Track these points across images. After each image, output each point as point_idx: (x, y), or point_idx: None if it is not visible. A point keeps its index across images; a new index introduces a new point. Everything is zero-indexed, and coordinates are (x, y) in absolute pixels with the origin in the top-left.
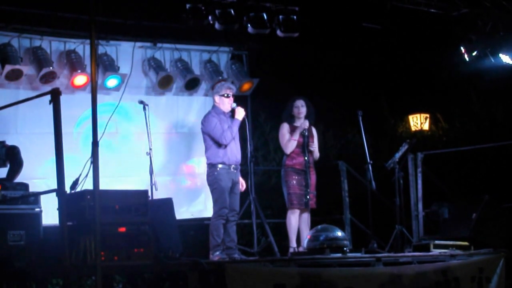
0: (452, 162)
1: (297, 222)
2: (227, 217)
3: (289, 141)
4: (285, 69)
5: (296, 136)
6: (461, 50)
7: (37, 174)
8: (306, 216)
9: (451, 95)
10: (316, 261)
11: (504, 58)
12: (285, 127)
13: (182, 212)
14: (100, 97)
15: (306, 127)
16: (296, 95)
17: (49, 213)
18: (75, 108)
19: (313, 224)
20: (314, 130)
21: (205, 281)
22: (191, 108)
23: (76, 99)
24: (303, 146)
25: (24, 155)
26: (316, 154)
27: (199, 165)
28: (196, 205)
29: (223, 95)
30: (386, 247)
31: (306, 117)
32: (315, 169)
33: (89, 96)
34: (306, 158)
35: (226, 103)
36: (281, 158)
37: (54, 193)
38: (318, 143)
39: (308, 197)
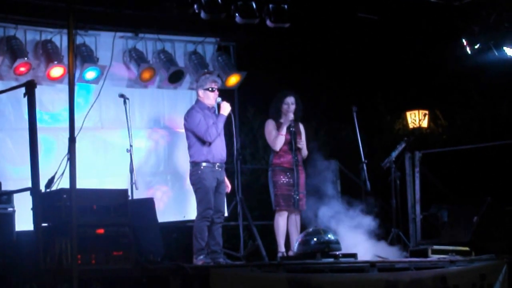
0: (452, 162)
1: (286, 224)
2: (212, 219)
3: (276, 137)
4: (275, 62)
5: (284, 131)
6: (463, 43)
7: (13, 174)
8: (296, 218)
9: (452, 90)
10: (306, 266)
11: (509, 52)
12: (270, 124)
13: (164, 213)
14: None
15: (292, 119)
16: (286, 90)
17: (24, 216)
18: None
19: (303, 227)
20: (301, 127)
21: (188, 287)
22: (175, 102)
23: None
24: (291, 143)
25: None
26: (304, 151)
27: (183, 163)
28: (179, 205)
29: (207, 89)
30: None
31: (294, 114)
32: (304, 168)
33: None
34: (294, 155)
35: (211, 98)
36: None
37: (29, 193)
38: (306, 141)
39: (297, 197)
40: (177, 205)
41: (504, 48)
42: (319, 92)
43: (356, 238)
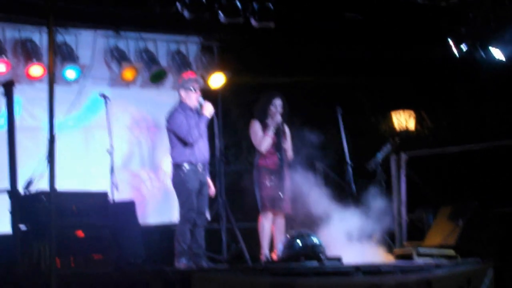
0: (438, 164)
1: (270, 227)
2: (194, 221)
3: (263, 138)
4: (259, 62)
5: (271, 132)
6: (450, 44)
7: None
8: (281, 221)
9: (438, 91)
10: (291, 270)
11: (495, 53)
12: (256, 125)
13: (146, 215)
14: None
15: (279, 121)
16: (274, 92)
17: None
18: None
19: (287, 230)
20: (287, 128)
21: None
22: (158, 102)
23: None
24: (277, 145)
25: None
26: (290, 154)
27: (166, 165)
28: (161, 208)
29: (189, 89)
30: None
31: (282, 116)
32: (289, 171)
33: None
34: (280, 157)
35: (193, 98)
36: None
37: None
38: (291, 143)
39: (282, 200)
40: (159, 207)
41: (491, 48)
42: (304, 92)
43: (342, 241)
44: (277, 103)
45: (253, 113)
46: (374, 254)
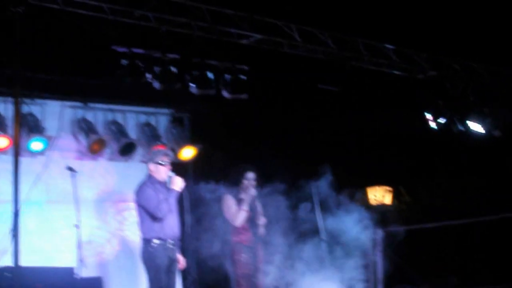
0: (416, 240)
1: None
2: None
3: (238, 212)
4: (232, 134)
5: (246, 206)
6: (427, 117)
7: None
8: None
9: (416, 165)
10: None
11: (474, 126)
12: (230, 198)
13: None
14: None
15: (254, 194)
16: (246, 165)
17: None
18: None
19: None
20: (259, 204)
21: None
22: (126, 175)
23: None
24: (251, 220)
25: None
26: (262, 230)
27: (135, 240)
28: (130, 284)
29: (158, 163)
30: None
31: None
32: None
33: None
34: (254, 233)
35: (162, 172)
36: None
37: None
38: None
39: (257, 277)
40: (128, 284)
41: (469, 122)
42: (278, 165)
43: None
44: (250, 176)
45: (225, 187)
46: None
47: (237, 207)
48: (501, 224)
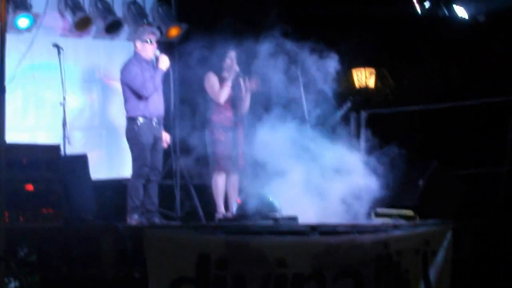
0: (399, 123)
1: (224, 185)
2: (147, 177)
3: (221, 89)
4: (218, 13)
5: (229, 82)
6: (413, 1)
7: None
8: (235, 179)
9: (401, 48)
10: (245, 228)
11: (459, 11)
12: (212, 77)
13: (98, 170)
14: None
15: (237, 71)
16: (228, 44)
17: None
18: None
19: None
20: (246, 80)
21: (120, 247)
22: (112, 54)
23: None
24: (232, 99)
25: None
26: (247, 105)
27: (119, 118)
28: (114, 162)
29: (145, 41)
30: None
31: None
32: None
33: None
34: (235, 112)
35: (149, 50)
36: None
37: None
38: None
39: (237, 157)
40: (111, 162)
41: (454, 6)
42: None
43: (299, 198)
44: (232, 55)
45: (208, 65)
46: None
47: (220, 84)
48: (483, 109)
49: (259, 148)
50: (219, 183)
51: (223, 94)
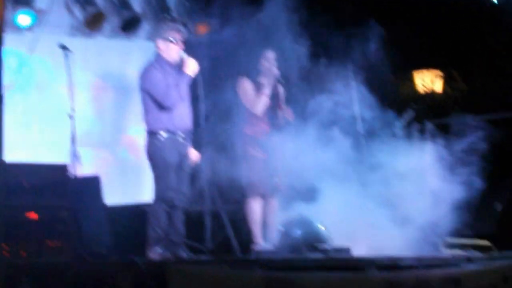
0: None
1: (262, 211)
2: (172, 202)
3: (258, 97)
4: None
5: (267, 90)
6: None
7: None
8: (274, 204)
9: (471, 46)
10: (289, 263)
11: None
12: (247, 83)
13: (113, 194)
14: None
15: (278, 75)
16: (265, 44)
17: None
18: None
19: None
20: (281, 88)
21: (140, 286)
22: (128, 56)
23: None
24: (271, 109)
25: None
26: (290, 114)
27: (138, 133)
28: (132, 185)
29: (168, 40)
30: None
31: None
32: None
33: None
34: (273, 124)
35: (173, 51)
36: None
37: None
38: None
39: (276, 177)
40: (129, 185)
41: None
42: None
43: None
44: (270, 56)
45: (241, 69)
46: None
47: (256, 93)
48: None
49: (303, 167)
50: (256, 208)
51: (260, 104)
